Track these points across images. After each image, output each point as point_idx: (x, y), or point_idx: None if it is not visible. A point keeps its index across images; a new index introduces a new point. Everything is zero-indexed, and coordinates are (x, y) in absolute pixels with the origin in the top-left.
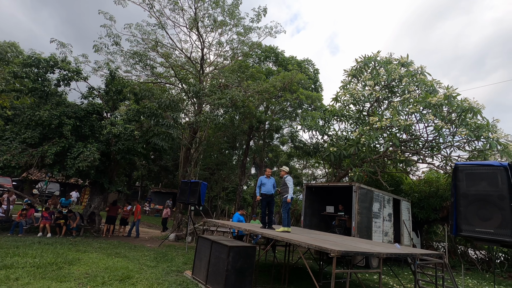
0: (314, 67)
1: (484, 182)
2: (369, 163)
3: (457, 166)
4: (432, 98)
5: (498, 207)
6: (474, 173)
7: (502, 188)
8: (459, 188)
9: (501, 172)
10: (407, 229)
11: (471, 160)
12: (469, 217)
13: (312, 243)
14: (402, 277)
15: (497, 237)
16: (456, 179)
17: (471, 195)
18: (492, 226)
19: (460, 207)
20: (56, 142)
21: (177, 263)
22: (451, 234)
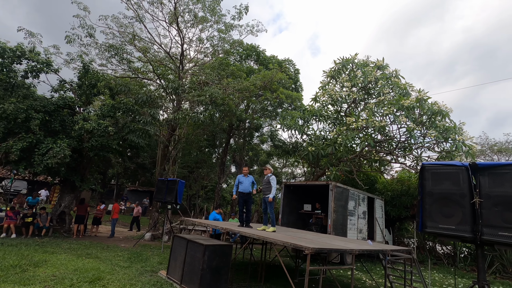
0: (295, 67)
1: (448, 181)
2: (346, 162)
3: (424, 166)
4: (405, 100)
5: (459, 205)
6: (439, 173)
7: (463, 187)
8: (425, 187)
9: (463, 171)
10: (380, 226)
11: (440, 160)
12: (434, 214)
13: (287, 241)
14: (374, 272)
15: (457, 233)
16: (423, 178)
17: (436, 194)
18: (453, 223)
19: (425, 204)
20: (23, 137)
21: (152, 263)
22: (418, 231)
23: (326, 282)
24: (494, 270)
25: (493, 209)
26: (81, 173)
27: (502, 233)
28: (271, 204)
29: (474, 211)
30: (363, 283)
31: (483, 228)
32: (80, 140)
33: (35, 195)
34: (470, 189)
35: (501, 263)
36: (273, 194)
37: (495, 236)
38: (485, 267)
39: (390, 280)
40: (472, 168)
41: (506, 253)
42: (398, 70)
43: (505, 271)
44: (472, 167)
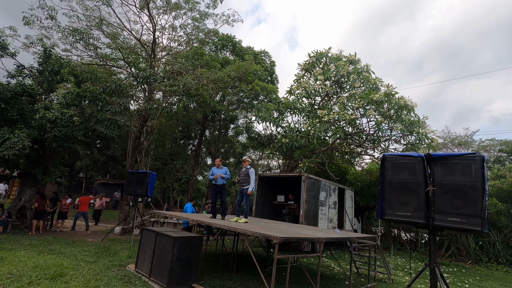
0: (271, 59)
1: (406, 171)
2: (318, 154)
3: (385, 156)
4: (374, 95)
5: (415, 193)
6: (398, 163)
7: (419, 176)
8: (385, 177)
9: (419, 162)
10: (348, 216)
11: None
12: (392, 202)
13: (257, 231)
14: (343, 259)
15: (412, 219)
16: (384, 169)
17: (394, 183)
18: (409, 210)
19: (385, 193)
20: None
21: (121, 257)
22: (377, 218)
23: (296, 270)
24: (450, 254)
25: (444, 196)
26: (44, 166)
27: (451, 219)
28: (248, 196)
29: (427, 199)
30: (331, 269)
31: (435, 214)
32: (41, 130)
33: None
34: (425, 178)
35: (456, 247)
36: (252, 187)
37: (445, 221)
38: (436, 250)
39: (356, 266)
40: (427, 159)
41: (460, 238)
42: (369, 65)
43: (460, 254)
44: (427, 157)
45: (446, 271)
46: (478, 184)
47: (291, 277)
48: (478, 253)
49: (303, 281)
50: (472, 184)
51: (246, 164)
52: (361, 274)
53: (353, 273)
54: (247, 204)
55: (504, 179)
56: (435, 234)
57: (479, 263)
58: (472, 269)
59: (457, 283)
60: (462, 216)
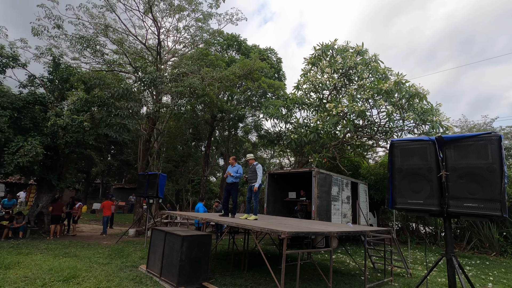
0: (277, 55)
1: (416, 157)
2: (329, 149)
3: (393, 142)
4: (384, 84)
5: (427, 179)
6: (407, 149)
7: (430, 161)
8: (394, 164)
9: (430, 146)
10: (362, 210)
11: None
12: (403, 190)
13: (264, 226)
14: (358, 255)
15: (425, 207)
16: (392, 155)
17: (404, 169)
18: (421, 197)
19: (395, 181)
20: None
21: (134, 259)
22: (387, 207)
23: (310, 266)
24: (472, 246)
25: (458, 181)
26: (58, 172)
27: (467, 204)
28: (256, 193)
29: (441, 185)
30: (346, 265)
31: (449, 201)
32: (54, 137)
33: (10, 197)
34: (437, 163)
35: (478, 239)
36: (258, 183)
37: (461, 207)
38: (452, 239)
39: (372, 261)
40: (438, 142)
41: (483, 229)
42: (377, 55)
43: (483, 246)
44: (438, 141)
45: (468, 263)
46: (495, 166)
47: (304, 274)
48: (502, 245)
49: (316, 277)
50: (489, 166)
51: (252, 162)
52: (377, 269)
53: (369, 268)
54: (256, 201)
55: None
56: (450, 221)
57: (504, 255)
58: (497, 261)
59: (480, 275)
60: (479, 201)
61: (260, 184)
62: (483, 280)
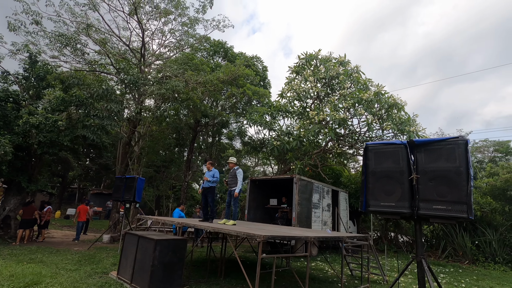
0: (263, 64)
1: (389, 160)
2: (311, 156)
3: (367, 146)
4: (364, 94)
5: (399, 182)
6: (381, 152)
7: (402, 164)
8: (368, 167)
9: (402, 149)
10: (342, 218)
11: None
12: (376, 193)
13: (241, 230)
14: (338, 262)
15: (397, 209)
16: (366, 158)
17: (378, 172)
18: (394, 200)
19: (369, 184)
20: None
21: (105, 265)
22: (361, 210)
23: (289, 273)
24: (447, 255)
25: (428, 184)
26: (29, 173)
27: (436, 206)
28: (236, 198)
29: (411, 187)
30: (325, 272)
31: (420, 203)
32: (26, 136)
33: None
34: (409, 166)
35: (452, 247)
36: (239, 188)
37: (430, 210)
38: (422, 242)
39: (350, 268)
40: (410, 146)
41: (457, 238)
42: (359, 66)
43: (456, 254)
44: (410, 144)
45: (442, 271)
46: (462, 169)
47: (282, 281)
48: (474, 253)
49: (294, 284)
50: (457, 170)
51: (232, 166)
52: (355, 276)
53: (347, 275)
54: (235, 206)
55: (497, 176)
56: (421, 224)
57: (476, 263)
58: (469, 269)
59: (453, 283)
60: (448, 203)
61: (240, 189)
62: (456, 287)
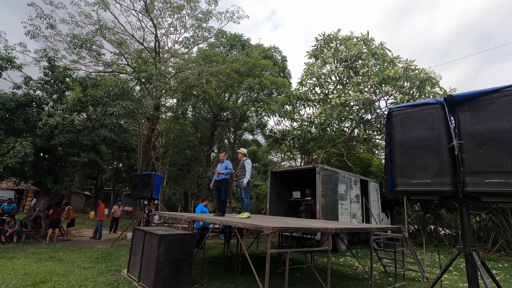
0: (281, 54)
1: (421, 125)
2: (335, 144)
3: (391, 111)
4: (390, 70)
5: (435, 152)
6: (410, 117)
7: (439, 129)
8: (393, 137)
9: (438, 110)
10: (374, 210)
11: None
12: (405, 168)
13: (249, 223)
14: (369, 258)
15: (434, 187)
16: (390, 127)
17: (406, 143)
18: (429, 176)
19: (395, 158)
20: None
21: (121, 262)
22: (386, 191)
23: (311, 270)
24: (498, 248)
25: (476, 151)
26: (55, 174)
27: (490, 180)
28: (245, 189)
29: (453, 158)
30: (354, 269)
31: (466, 177)
32: (49, 138)
33: (9, 201)
34: (448, 130)
35: (505, 239)
36: (247, 179)
37: (481, 185)
38: (472, 229)
39: (383, 263)
40: (448, 104)
41: (510, 229)
42: (384, 42)
43: (510, 247)
44: (448, 102)
45: (494, 267)
46: None
47: (305, 278)
48: None
49: (318, 282)
50: None
51: (241, 157)
52: (389, 272)
53: (380, 271)
54: (245, 197)
55: None
56: (468, 205)
57: None
58: None
59: (509, 280)
60: (507, 174)
61: (249, 180)
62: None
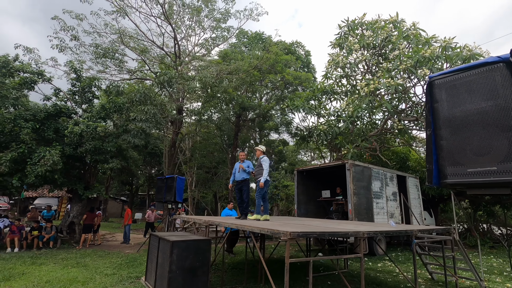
0: (305, 48)
1: (477, 94)
2: (365, 138)
3: (432, 80)
4: (426, 51)
5: (501, 129)
6: (460, 84)
7: (505, 96)
8: (438, 113)
9: (501, 70)
10: (414, 208)
11: None
12: (457, 154)
13: (265, 227)
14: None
15: (502, 178)
16: (433, 100)
17: (457, 119)
18: (493, 161)
19: (441, 140)
20: (13, 148)
21: (142, 269)
22: (430, 185)
23: (347, 277)
24: None
25: None
26: (86, 181)
27: None
28: (261, 189)
29: None
30: (395, 276)
31: None
32: (76, 146)
33: (49, 208)
34: None
35: None
36: (264, 178)
37: None
38: None
39: (429, 270)
40: None
41: None
42: (416, 23)
43: None
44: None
45: None
46: None
47: (337, 285)
48: None
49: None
50: None
51: (259, 154)
52: (437, 280)
53: (426, 279)
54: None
55: None
56: None
57: None
58: None
59: None
60: None
61: (267, 180)
62: None
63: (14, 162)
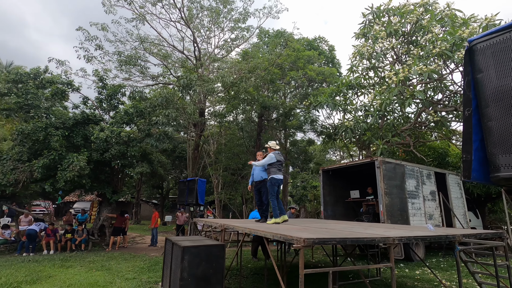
0: (328, 43)
1: None
2: (397, 132)
3: (472, 44)
4: (464, 31)
5: None
6: (509, 47)
7: None
8: (483, 86)
9: None
10: (456, 209)
11: None
12: (509, 137)
13: (278, 232)
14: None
15: None
16: (475, 70)
17: (509, 92)
18: None
19: (489, 121)
20: (45, 155)
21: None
22: (467, 180)
23: (380, 285)
24: None
25: None
26: (114, 185)
27: None
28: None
29: None
30: (436, 285)
31: None
32: (103, 151)
33: (83, 212)
34: None
35: None
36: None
37: None
38: None
39: (477, 280)
40: None
41: None
42: (451, 3)
43: None
44: None
45: None
46: None
47: None
48: None
49: None
50: None
51: (270, 151)
52: None
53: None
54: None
55: None
56: None
57: None
58: None
59: None
60: None
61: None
62: None
63: (46, 169)
